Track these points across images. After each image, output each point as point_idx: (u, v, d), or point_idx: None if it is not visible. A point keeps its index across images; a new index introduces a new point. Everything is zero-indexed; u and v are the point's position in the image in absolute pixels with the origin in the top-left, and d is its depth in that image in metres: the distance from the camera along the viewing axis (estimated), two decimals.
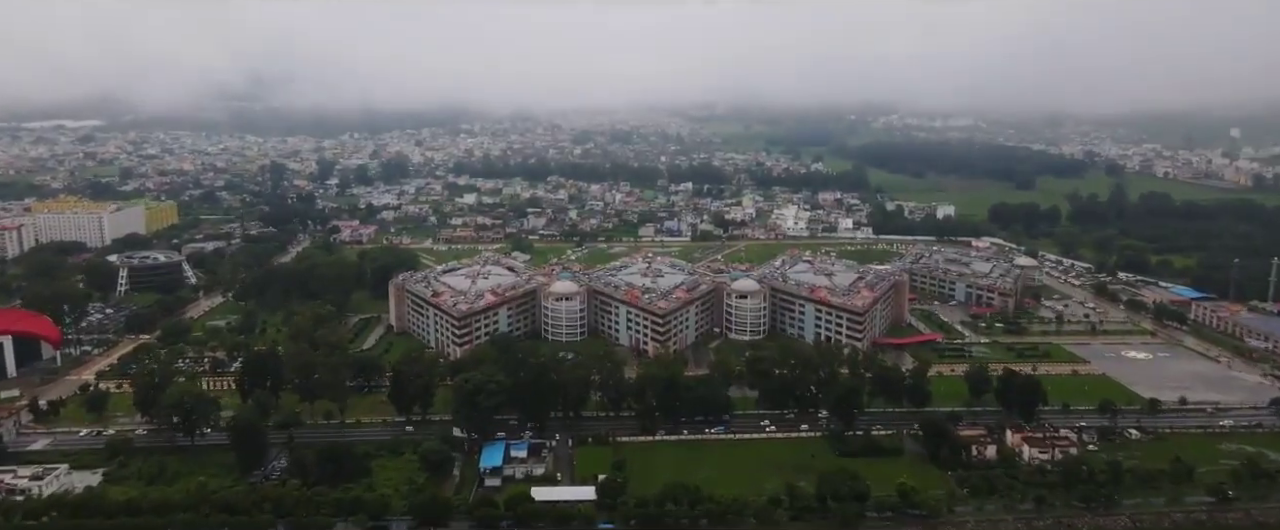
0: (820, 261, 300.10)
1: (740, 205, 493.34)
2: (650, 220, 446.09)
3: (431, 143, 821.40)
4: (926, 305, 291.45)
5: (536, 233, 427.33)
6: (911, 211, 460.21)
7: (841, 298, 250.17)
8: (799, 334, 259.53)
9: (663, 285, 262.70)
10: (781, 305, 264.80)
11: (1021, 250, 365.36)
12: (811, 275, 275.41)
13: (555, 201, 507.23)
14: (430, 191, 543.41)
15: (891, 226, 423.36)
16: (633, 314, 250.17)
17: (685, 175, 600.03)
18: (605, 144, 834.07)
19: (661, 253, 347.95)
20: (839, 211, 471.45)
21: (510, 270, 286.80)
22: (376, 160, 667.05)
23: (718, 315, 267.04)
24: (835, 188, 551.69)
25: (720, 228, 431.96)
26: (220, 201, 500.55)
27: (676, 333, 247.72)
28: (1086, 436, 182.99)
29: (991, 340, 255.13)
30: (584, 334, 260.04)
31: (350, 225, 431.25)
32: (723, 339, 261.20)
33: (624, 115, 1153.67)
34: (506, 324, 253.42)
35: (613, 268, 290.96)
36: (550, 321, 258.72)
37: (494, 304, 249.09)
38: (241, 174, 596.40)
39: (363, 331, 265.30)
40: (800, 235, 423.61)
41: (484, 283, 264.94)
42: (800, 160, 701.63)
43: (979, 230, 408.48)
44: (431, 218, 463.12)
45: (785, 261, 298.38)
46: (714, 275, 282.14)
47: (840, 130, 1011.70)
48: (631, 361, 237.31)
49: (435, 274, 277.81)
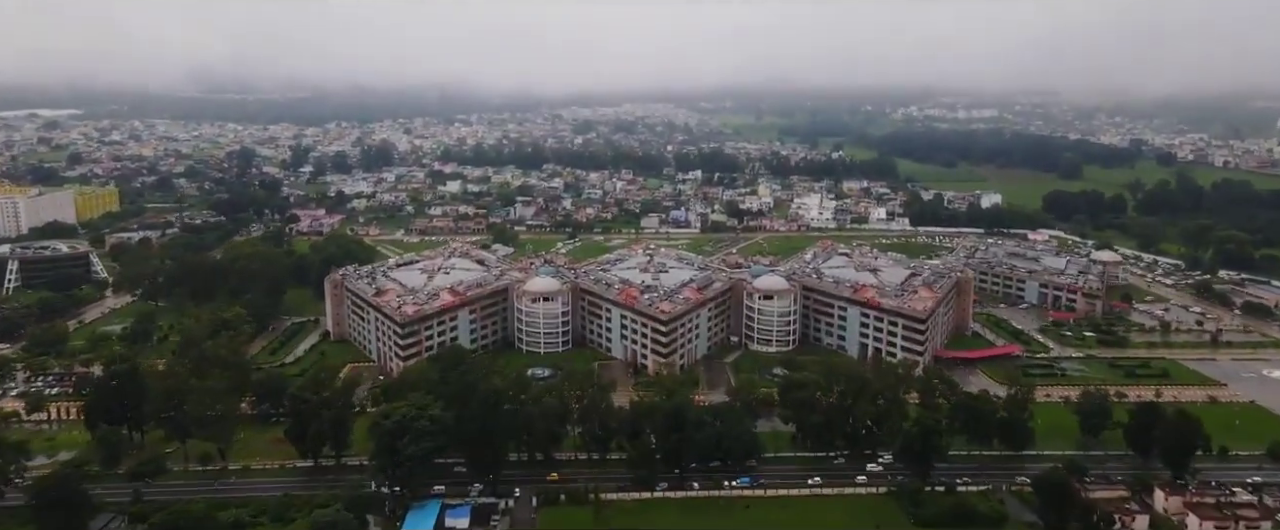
0: (861, 254, 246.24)
1: (756, 194, 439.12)
2: (654, 210, 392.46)
3: (423, 131, 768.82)
4: (990, 309, 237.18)
5: (524, 223, 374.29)
6: (951, 200, 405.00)
7: (895, 299, 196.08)
8: (838, 345, 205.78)
9: (667, 283, 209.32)
10: (816, 308, 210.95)
11: (1090, 244, 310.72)
12: (852, 271, 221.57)
13: (548, 189, 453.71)
14: (412, 180, 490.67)
15: (931, 217, 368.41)
16: (629, 319, 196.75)
17: (694, 163, 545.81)
18: (608, 134, 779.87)
19: (667, 245, 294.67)
20: (868, 201, 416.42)
21: (480, 264, 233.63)
22: (359, 148, 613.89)
23: (736, 321, 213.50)
24: (860, 176, 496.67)
25: (734, 218, 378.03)
26: (175, 188, 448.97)
27: (684, 344, 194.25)
28: (1269, 498, 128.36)
29: (1085, 354, 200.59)
30: (567, 344, 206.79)
31: (313, 214, 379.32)
32: (742, 351, 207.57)
33: (629, 107, 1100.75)
34: (469, 331, 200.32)
35: (607, 261, 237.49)
36: (525, 328, 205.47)
37: (451, 306, 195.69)
38: (207, 160, 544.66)
39: (293, 338, 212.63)
40: (826, 227, 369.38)
41: (443, 279, 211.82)
42: (818, 149, 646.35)
43: (1034, 222, 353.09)
44: (407, 207, 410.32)
45: (818, 254, 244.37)
46: (730, 271, 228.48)
47: (857, 121, 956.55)
48: (625, 381, 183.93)
49: (386, 268, 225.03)
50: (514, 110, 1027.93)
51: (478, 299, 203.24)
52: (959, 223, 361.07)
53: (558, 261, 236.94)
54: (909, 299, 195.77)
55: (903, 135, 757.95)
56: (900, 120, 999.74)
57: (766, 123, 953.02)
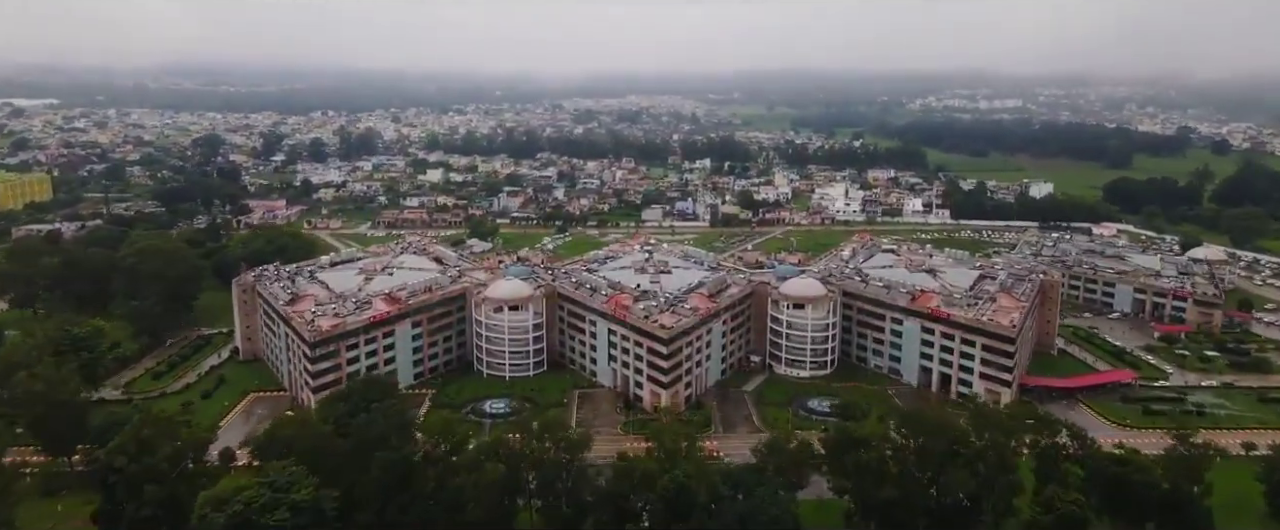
0: (911, 251, 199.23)
1: (771, 184, 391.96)
2: (657, 201, 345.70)
3: (413, 120, 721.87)
4: (1071, 319, 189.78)
5: (508, 215, 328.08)
6: (995, 190, 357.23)
7: (967, 310, 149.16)
8: (889, 368, 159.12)
9: (670, 287, 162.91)
10: (861, 321, 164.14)
11: (1169, 239, 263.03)
12: (904, 272, 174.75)
13: (539, 179, 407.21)
14: (390, 169, 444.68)
15: (975, 209, 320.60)
16: (619, 336, 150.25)
17: (701, 152, 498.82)
18: (611, 124, 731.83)
19: (672, 241, 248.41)
20: (901, 192, 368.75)
21: (438, 262, 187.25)
22: (340, 137, 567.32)
23: (758, 336, 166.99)
24: (885, 165, 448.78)
25: (748, 210, 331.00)
26: (127, 177, 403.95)
27: (691, 368, 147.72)
28: None
29: (1222, 382, 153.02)
30: (541, 366, 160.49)
31: (269, 205, 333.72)
32: (766, 375, 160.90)
33: (634, 98, 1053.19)
34: (410, 351, 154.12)
35: (595, 259, 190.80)
36: (486, 346, 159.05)
37: (385, 317, 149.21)
38: (170, 148, 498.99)
39: (194, 357, 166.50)
40: (854, 219, 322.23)
41: (383, 282, 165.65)
42: (836, 138, 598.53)
43: (1097, 214, 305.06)
44: (381, 197, 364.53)
45: (857, 251, 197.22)
46: (749, 272, 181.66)
47: (873, 112, 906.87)
48: (612, 417, 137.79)
49: (317, 267, 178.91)
50: (514, 101, 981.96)
51: (423, 308, 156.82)
52: (1007, 215, 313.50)
53: (535, 260, 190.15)
54: (988, 309, 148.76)
55: (925, 124, 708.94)
56: (918, 111, 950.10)
57: (778, 114, 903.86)
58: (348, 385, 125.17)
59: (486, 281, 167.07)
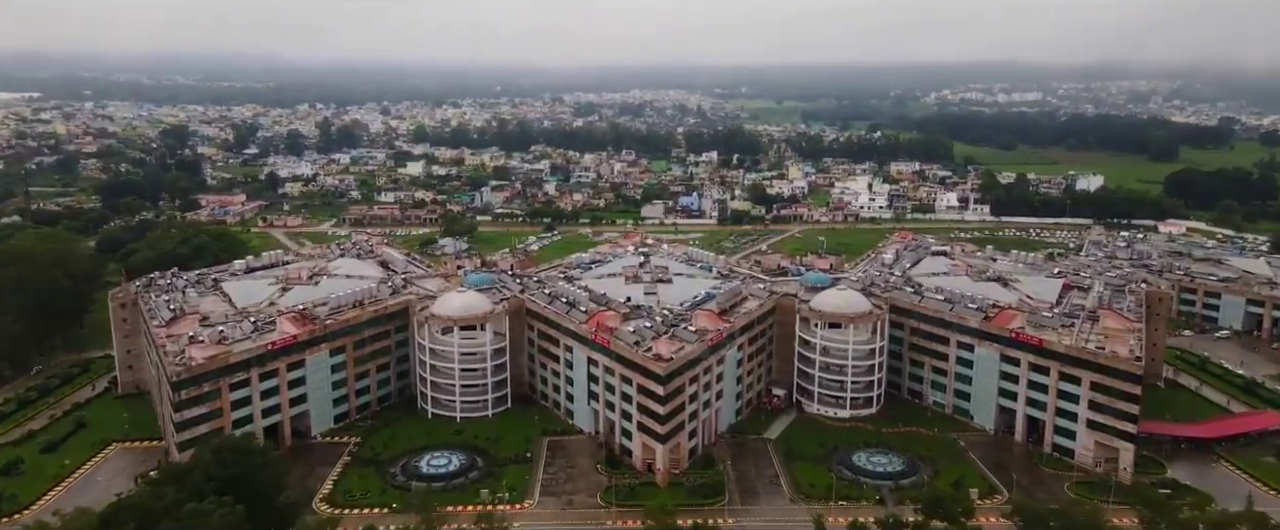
0: (966, 253, 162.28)
1: (785, 177, 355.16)
2: (659, 197, 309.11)
3: (404, 113, 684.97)
4: (1171, 337, 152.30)
5: (492, 211, 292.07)
6: (1036, 184, 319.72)
7: (1065, 332, 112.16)
8: (954, 407, 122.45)
9: (670, 300, 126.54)
10: (916, 344, 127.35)
11: (1254, 239, 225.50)
12: (967, 280, 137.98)
13: (530, 173, 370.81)
14: (368, 162, 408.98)
15: (1020, 204, 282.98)
16: (601, 366, 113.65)
17: (708, 144, 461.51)
18: (612, 117, 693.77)
19: (674, 239, 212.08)
20: (932, 186, 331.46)
21: (383, 267, 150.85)
22: (320, 129, 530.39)
23: (783, 363, 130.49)
24: (909, 158, 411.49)
25: (760, 205, 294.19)
26: (78, 170, 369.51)
27: (697, 411, 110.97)
28: None
29: None
30: (504, 403, 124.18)
31: (225, 200, 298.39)
32: (794, 416, 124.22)
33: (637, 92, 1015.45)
34: (328, 386, 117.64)
35: (579, 263, 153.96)
36: (431, 378, 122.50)
37: (292, 343, 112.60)
38: (133, 141, 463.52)
39: (61, 388, 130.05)
40: (880, 216, 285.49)
41: (303, 294, 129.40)
42: (851, 130, 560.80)
43: (1161, 209, 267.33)
44: (353, 192, 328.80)
45: (901, 253, 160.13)
46: (770, 280, 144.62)
47: (886, 106, 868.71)
48: (591, 479, 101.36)
49: (229, 274, 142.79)
50: (513, 95, 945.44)
51: (349, 329, 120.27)
52: (1056, 211, 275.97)
53: (503, 265, 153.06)
54: (1091, 332, 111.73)
55: (945, 117, 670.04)
56: (933, 104, 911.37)
57: (787, 107, 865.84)
58: (215, 444, 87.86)
59: (437, 293, 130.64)
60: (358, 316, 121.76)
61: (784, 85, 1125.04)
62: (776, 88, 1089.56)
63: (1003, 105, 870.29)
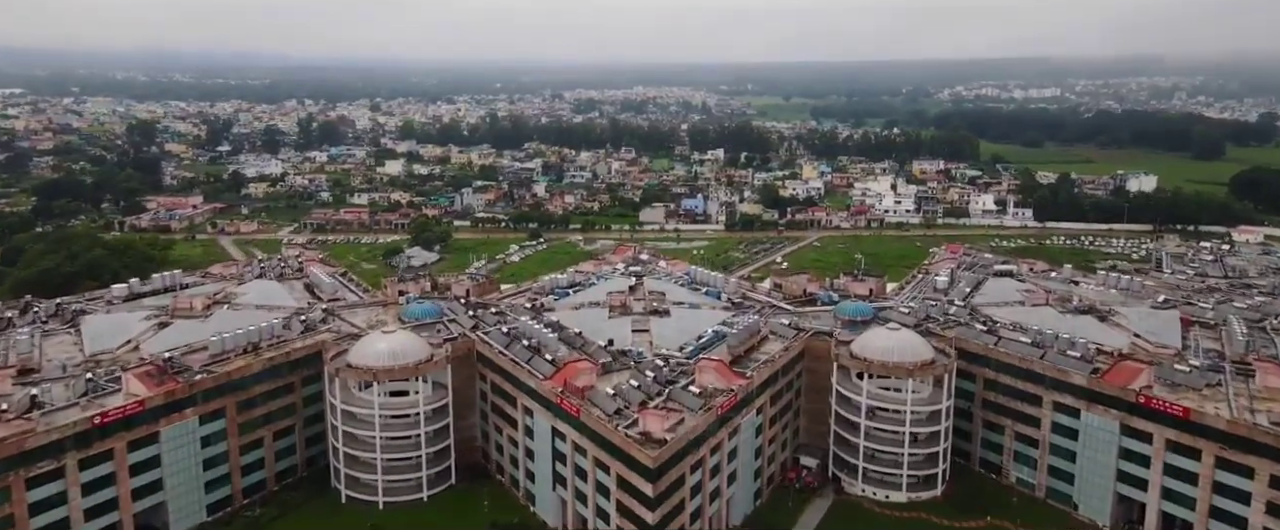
0: (1036, 272, 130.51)
1: (799, 178, 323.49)
2: (660, 199, 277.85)
3: (396, 109, 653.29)
4: None
5: (472, 215, 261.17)
6: (1082, 184, 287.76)
7: (1209, 393, 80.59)
8: (1049, 489, 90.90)
9: (667, 339, 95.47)
10: (992, 401, 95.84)
11: None
12: (1053, 313, 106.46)
13: (519, 172, 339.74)
14: (346, 160, 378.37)
15: (1063, 208, 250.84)
16: (570, 441, 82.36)
17: (713, 142, 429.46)
18: (614, 113, 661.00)
19: (675, 250, 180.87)
20: (965, 187, 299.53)
21: (309, 291, 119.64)
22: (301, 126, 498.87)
23: (813, 423, 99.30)
24: (932, 156, 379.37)
25: (772, 210, 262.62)
26: (28, 167, 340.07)
27: (701, 505, 79.63)
28: None
29: None
30: (446, 480, 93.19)
31: (176, 202, 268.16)
32: (831, 498, 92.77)
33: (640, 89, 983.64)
34: (197, 466, 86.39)
35: (554, 287, 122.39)
36: (346, 448, 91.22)
37: (138, 412, 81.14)
38: (97, 138, 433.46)
39: None
40: (907, 221, 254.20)
41: (181, 332, 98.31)
42: (866, 126, 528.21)
43: (1231, 214, 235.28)
44: (323, 193, 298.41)
45: (958, 275, 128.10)
46: (794, 313, 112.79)
47: (897, 103, 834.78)
48: None
49: (106, 301, 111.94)
50: (513, 91, 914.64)
51: (231, 386, 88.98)
52: (1108, 216, 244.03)
53: (459, 290, 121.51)
54: (1255, 398, 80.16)
55: (963, 113, 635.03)
56: (947, 100, 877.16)
57: (795, 104, 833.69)
58: None
59: (363, 331, 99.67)
60: (247, 367, 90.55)
61: (790, 82, 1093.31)
62: (783, 85, 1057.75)
63: (1020, 101, 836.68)
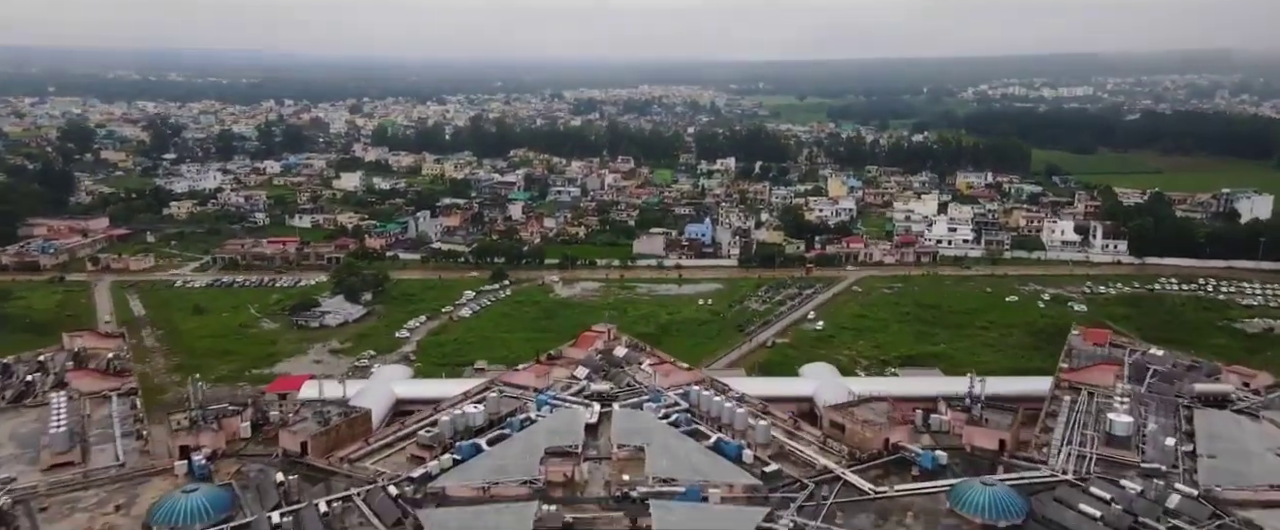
0: (1253, 385, 79.89)
1: (825, 195, 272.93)
2: (659, 224, 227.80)
3: (379, 111, 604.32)
4: None
5: (429, 245, 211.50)
6: (1183, 203, 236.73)
7: None
8: None
9: None
10: None
11: None
12: None
13: (496, 187, 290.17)
14: (301, 170, 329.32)
15: (1166, 239, 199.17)
16: None
17: (723, 149, 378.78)
18: (615, 115, 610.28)
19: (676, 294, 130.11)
20: (1023, 205, 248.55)
21: (69, 399, 69.40)
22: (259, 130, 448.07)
23: None
24: (975, 166, 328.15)
25: (796, 239, 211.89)
26: None
27: None
28: None
29: None
30: None
31: (74, 225, 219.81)
32: None
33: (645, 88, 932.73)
34: None
35: (455, 432, 72.03)
36: None
37: None
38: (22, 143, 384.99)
39: None
40: (967, 255, 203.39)
41: None
42: (891, 130, 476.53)
43: None
44: (259, 213, 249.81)
45: (1127, 396, 76.92)
46: (871, 500, 62.16)
47: (920, 103, 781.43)
48: None
49: None
50: (512, 91, 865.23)
51: None
52: (1231, 250, 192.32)
53: (290, 439, 70.98)
54: None
55: (994, 115, 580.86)
56: (972, 99, 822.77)
57: (810, 104, 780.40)
58: None
59: None
60: None
61: (803, 80, 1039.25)
62: (796, 83, 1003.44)
63: (1051, 101, 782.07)
